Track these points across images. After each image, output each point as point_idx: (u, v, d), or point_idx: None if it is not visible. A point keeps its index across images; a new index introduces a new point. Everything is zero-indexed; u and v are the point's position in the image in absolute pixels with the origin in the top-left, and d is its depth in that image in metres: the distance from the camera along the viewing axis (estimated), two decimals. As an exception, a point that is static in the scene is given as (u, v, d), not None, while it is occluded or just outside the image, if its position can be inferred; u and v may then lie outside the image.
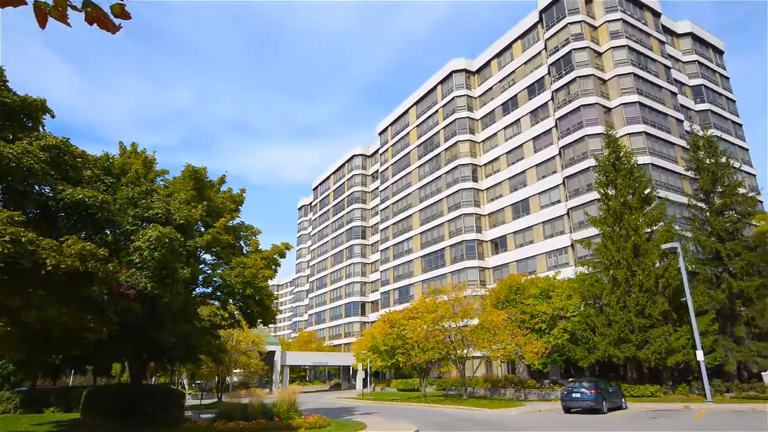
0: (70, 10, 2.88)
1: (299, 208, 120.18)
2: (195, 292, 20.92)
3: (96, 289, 12.74)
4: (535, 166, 52.63)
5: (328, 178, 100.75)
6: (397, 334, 41.08)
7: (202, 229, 20.28)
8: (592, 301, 34.21)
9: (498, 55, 60.99)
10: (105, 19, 2.89)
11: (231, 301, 21.28)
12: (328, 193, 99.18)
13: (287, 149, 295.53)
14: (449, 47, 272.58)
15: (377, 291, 77.64)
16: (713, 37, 60.82)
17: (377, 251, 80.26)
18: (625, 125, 45.85)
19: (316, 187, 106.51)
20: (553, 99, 51.54)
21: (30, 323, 12.99)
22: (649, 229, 33.05)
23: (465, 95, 63.54)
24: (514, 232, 53.49)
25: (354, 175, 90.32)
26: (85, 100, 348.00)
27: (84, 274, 12.47)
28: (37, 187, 13.74)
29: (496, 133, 59.20)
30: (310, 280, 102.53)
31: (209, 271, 20.98)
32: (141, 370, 21.43)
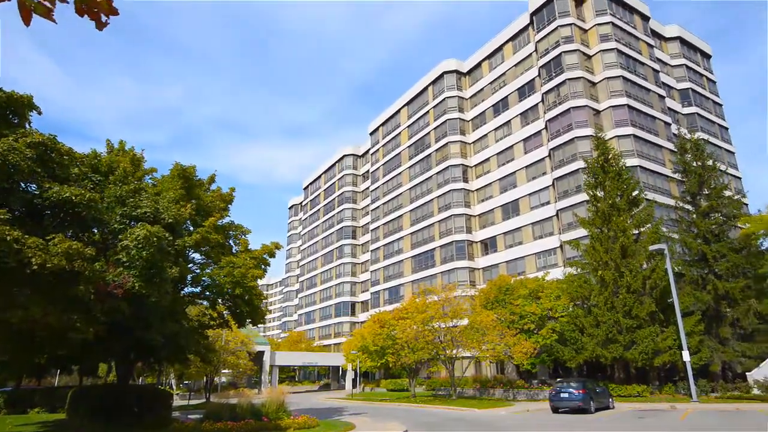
0: (58, 3, 2.84)
1: (290, 208, 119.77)
2: (183, 292, 20.74)
3: (82, 288, 12.58)
4: (525, 167, 52.95)
5: (319, 177, 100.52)
6: (387, 334, 41.09)
7: (191, 228, 20.11)
8: (580, 302, 34.49)
9: (489, 57, 61.27)
10: (97, 9, 2.86)
11: (220, 300, 21.13)
12: (319, 193, 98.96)
13: (278, 148, 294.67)
14: (441, 48, 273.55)
15: (367, 291, 77.61)
16: (701, 42, 61.63)
17: (367, 251, 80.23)
18: (613, 128, 46.30)
19: (307, 186, 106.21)
20: (543, 101, 51.89)
21: (15, 323, 12.82)
22: (636, 231, 33.39)
23: (456, 96, 63.76)
24: (504, 233, 53.76)
25: (345, 175, 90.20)
26: (73, 98, 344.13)
27: (70, 273, 12.33)
28: (23, 184, 13.56)
29: (486, 135, 59.47)
30: (300, 279, 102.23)
31: (198, 270, 20.81)
32: (128, 371, 21.22)
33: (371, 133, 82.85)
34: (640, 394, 29.88)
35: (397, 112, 75.43)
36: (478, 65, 62.93)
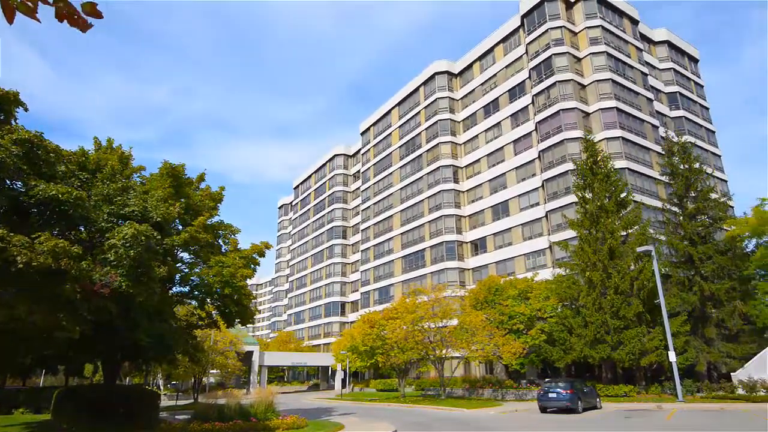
0: (41, 4, 2.81)
1: (279, 207, 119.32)
2: (172, 291, 20.59)
3: (69, 287, 12.44)
4: (515, 168, 53.25)
5: (310, 177, 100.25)
6: (376, 334, 41.06)
7: (180, 227, 19.95)
8: (568, 303, 34.73)
9: (480, 58, 61.53)
10: (76, 16, 2.82)
11: (209, 300, 20.98)
12: (309, 193, 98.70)
13: (268, 148, 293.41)
14: (432, 49, 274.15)
15: (357, 291, 77.55)
16: (689, 46, 62.41)
17: (358, 251, 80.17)
18: (602, 130, 46.73)
19: (297, 186, 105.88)
20: (533, 103, 52.21)
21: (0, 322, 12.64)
22: (624, 233, 33.70)
23: (447, 97, 63.95)
24: (494, 234, 54.01)
25: (335, 175, 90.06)
26: (61, 95, 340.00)
27: (57, 271, 12.19)
28: (8, 181, 13.38)
29: (477, 136, 59.71)
30: (290, 279, 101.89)
31: (187, 269, 20.66)
32: (114, 371, 21.00)
33: (362, 133, 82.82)
34: (627, 394, 30.17)
35: (389, 112, 75.48)
36: (469, 66, 63.17)
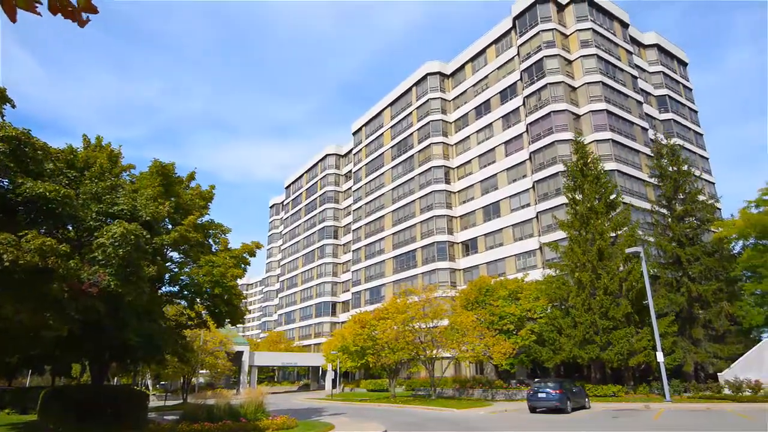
0: None
1: (271, 207, 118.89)
2: (161, 291, 20.44)
3: (56, 286, 12.31)
4: (506, 169, 53.49)
5: (301, 176, 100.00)
6: (367, 334, 41.06)
7: (170, 226, 19.81)
8: (558, 303, 34.96)
9: (472, 60, 61.75)
10: (71, 9, 2.75)
11: (198, 300, 20.86)
12: (301, 192, 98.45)
13: (260, 147, 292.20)
14: (425, 50, 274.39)
15: (348, 291, 77.47)
16: (678, 49, 63.09)
17: (349, 251, 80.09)
18: (593, 132, 47.09)
19: (289, 185, 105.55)
20: (524, 104, 52.50)
21: (-16, 321, 12.47)
22: (613, 234, 33.99)
23: (439, 98, 64.10)
24: (485, 235, 54.22)
25: (327, 175, 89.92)
26: (49, 92, 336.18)
27: (44, 270, 12.06)
28: (-6, 179, 13.20)
29: (468, 137, 59.91)
30: (281, 279, 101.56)
31: (176, 269, 20.52)
32: (102, 371, 20.80)
33: (354, 133, 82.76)
34: (615, 394, 30.43)
35: (381, 112, 75.50)
36: (462, 67, 63.37)
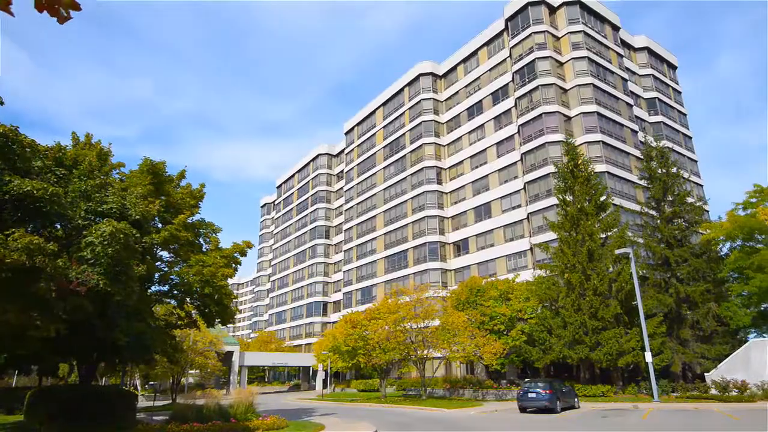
0: None
1: (262, 206, 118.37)
2: (150, 290, 20.28)
3: (44, 285, 12.16)
4: (498, 170, 53.70)
5: (293, 176, 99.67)
6: (358, 334, 41.00)
7: (160, 225, 19.68)
8: (548, 304, 35.16)
9: (464, 61, 61.93)
10: (57, 6, 2.77)
11: (188, 299, 20.73)
12: (292, 192, 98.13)
13: (252, 146, 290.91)
14: (418, 50, 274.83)
15: (340, 291, 77.35)
16: (667, 53, 63.71)
17: (340, 251, 79.96)
18: (583, 134, 47.41)
19: (280, 185, 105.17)
20: (516, 106, 52.74)
21: (-31, 321, 12.30)
22: (603, 235, 34.26)
23: (431, 98, 64.20)
24: (476, 235, 54.39)
25: (319, 174, 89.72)
26: (38, 88, 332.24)
27: (31, 269, 11.92)
28: (-20, 177, 13.02)
29: (460, 137, 60.07)
30: (272, 279, 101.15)
31: (166, 268, 20.39)
32: (90, 371, 20.59)
33: (346, 133, 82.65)
34: (604, 394, 30.66)
35: (373, 112, 75.47)
36: (454, 68, 63.53)
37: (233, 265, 21.80)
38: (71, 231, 15.52)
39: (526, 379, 30.73)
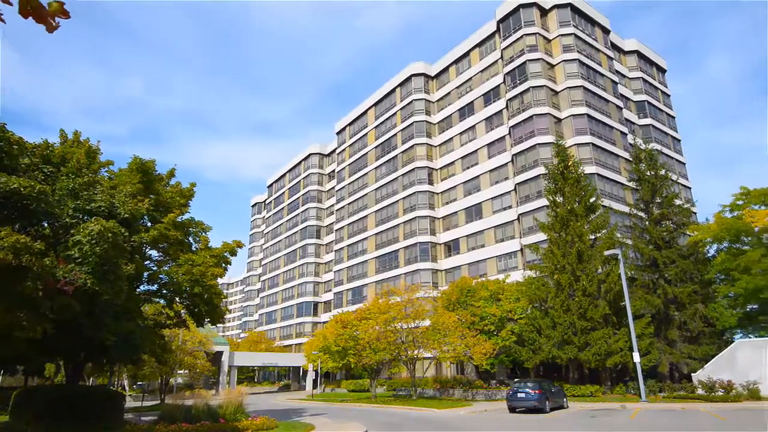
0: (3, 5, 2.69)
1: (253, 206, 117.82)
2: (139, 290, 20.10)
3: (30, 284, 12.01)
4: (489, 171, 53.90)
5: (284, 175, 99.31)
6: (349, 334, 40.96)
7: (149, 224, 19.52)
8: (538, 304, 35.35)
9: (456, 62, 62.09)
10: (43, 13, 2.68)
11: (178, 299, 20.57)
12: (283, 191, 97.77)
13: (243, 145, 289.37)
14: (410, 51, 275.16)
15: (330, 291, 77.19)
16: (657, 56, 64.37)
17: (331, 251, 79.81)
18: (573, 136, 47.74)
19: (271, 184, 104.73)
20: (507, 107, 52.97)
21: (-46, 320, 12.11)
22: (593, 236, 34.52)
23: (423, 99, 64.30)
24: (467, 236, 54.55)
25: (310, 174, 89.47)
26: (28, 85, 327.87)
27: (17, 268, 11.77)
28: (-34, 174, 12.83)
29: (452, 138, 60.22)
30: (262, 279, 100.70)
31: (155, 267, 20.22)
32: (77, 371, 20.36)
33: (338, 133, 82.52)
34: (592, 394, 30.90)
35: (365, 112, 75.43)
36: (446, 69, 63.68)
37: (223, 264, 21.67)
38: (59, 229, 15.35)
39: (516, 379, 30.87)
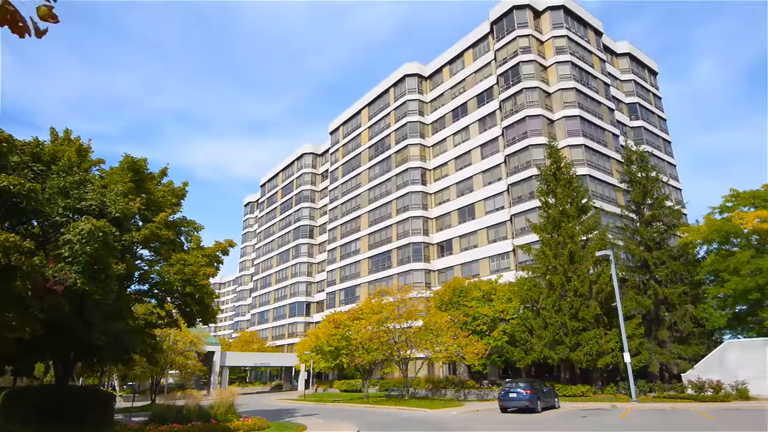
0: None
1: (245, 205, 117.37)
2: (130, 290, 19.95)
3: (19, 284, 11.89)
4: (482, 172, 54.06)
5: (277, 175, 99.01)
6: (341, 335, 40.95)
7: (140, 223, 19.38)
8: (530, 305, 35.51)
9: (450, 63, 62.21)
10: (20, 23, 2.41)
11: (169, 299, 20.43)
12: (276, 191, 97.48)
13: (236, 145, 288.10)
14: (404, 51, 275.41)
15: (323, 291, 77.06)
16: (649, 59, 64.86)
17: (324, 251, 79.69)
18: (566, 137, 47.99)
19: (264, 183, 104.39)
20: (500, 108, 53.15)
21: (-59, 320, 11.97)
22: (584, 237, 34.73)
23: (417, 100, 64.36)
24: (460, 236, 54.68)
25: (303, 173, 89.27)
26: (18, 83, 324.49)
27: (6, 267, 11.65)
28: (-46, 172, 12.69)
29: (445, 139, 60.34)
30: (254, 278, 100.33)
31: (146, 267, 20.08)
32: (67, 371, 20.17)
33: (331, 133, 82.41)
34: (584, 393, 31.08)
35: (358, 112, 75.38)
36: (439, 70, 63.78)
37: (215, 264, 21.56)
38: (49, 228, 15.21)
39: (507, 380, 30.99)
